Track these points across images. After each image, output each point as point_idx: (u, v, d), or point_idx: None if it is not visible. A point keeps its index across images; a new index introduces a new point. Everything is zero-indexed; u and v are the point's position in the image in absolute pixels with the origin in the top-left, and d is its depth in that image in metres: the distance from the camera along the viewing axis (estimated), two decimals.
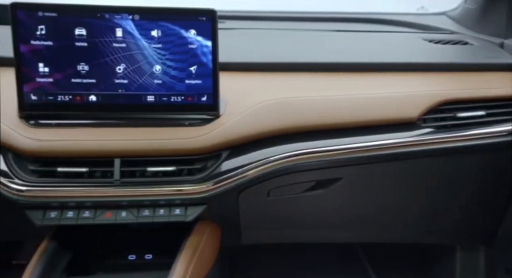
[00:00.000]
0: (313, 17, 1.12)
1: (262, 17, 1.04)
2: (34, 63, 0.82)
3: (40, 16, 0.81)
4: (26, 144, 0.80)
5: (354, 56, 1.03)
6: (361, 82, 0.97)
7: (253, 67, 0.96)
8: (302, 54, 1.00)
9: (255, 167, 0.85)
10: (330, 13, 1.12)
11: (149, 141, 0.83)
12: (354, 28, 1.20)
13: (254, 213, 0.99)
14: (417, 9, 1.57)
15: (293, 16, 1.07)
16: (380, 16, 1.29)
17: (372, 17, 1.26)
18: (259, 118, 0.88)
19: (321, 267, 1.51)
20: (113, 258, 0.97)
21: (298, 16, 1.07)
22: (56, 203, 0.81)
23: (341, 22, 1.19)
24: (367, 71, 0.99)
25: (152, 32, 0.84)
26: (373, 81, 0.98)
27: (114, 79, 0.85)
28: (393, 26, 1.31)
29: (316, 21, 1.12)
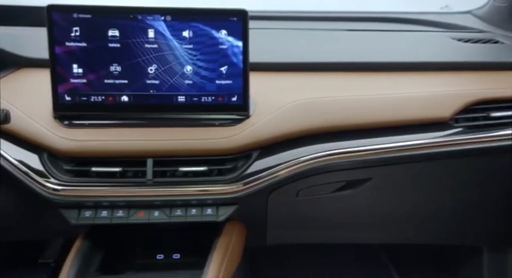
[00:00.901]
0: (337, 17, 1.11)
1: (286, 17, 1.04)
2: (68, 65, 0.84)
3: (74, 17, 0.82)
4: (61, 144, 0.81)
5: (382, 56, 1.02)
6: (391, 82, 0.96)
7: (282, 67, 0.96)
8: (330, 54, 0.99)
9: (286, 167, 0.85)
10: (354, 13, 1.11)
11: (181, 141, 0.84)
12: (379, 28, 1.19)
13: (282, 213, 0.99)
14: (441, 8, 1.55)
15: (317, 16, 1.06)
16: (404, 15, 1.27)
17: (396, 17, 1.24)
18: (289, 118, 0.88)
19: (341, 267, 1.50)
20: (141, 258, 0.98)
21: (323, 16, 1.06)
22: (90, 202, 0.83)
23: (365, 21, 1.18)
24: (397, 71, 0.98)
25: (183, 32, 0.85)
26: (404, 81, 0.97)
27: (145, 79, 0.86)
28: (418, 25, 1.30)
29: (340, 20, 1.12)
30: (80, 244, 0.86)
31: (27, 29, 1.01)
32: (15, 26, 1.01)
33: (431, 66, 1.01)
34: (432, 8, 1.50)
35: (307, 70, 0.96)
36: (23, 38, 0.96)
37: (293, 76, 0.95)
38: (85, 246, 0.86)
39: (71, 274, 0.80)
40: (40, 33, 1.01)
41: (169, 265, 0.96)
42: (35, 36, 0.97)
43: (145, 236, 1.00)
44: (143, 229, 0.97)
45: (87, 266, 0.84)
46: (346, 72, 0.97)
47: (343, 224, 1.06)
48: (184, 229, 1.00)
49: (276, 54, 0.97)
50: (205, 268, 0.82)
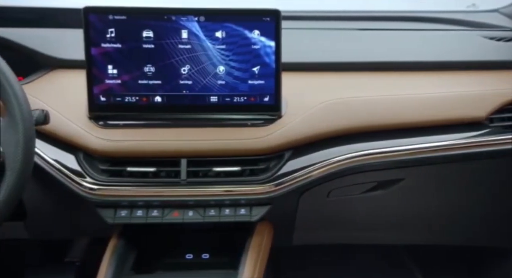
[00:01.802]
0: (366, 16, 1.10)
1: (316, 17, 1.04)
2: (103, 66, 0.85)
3: (110, 19, 0.83)
4: (98, 144, 0.82)
5: (413, 55, 1.01)
6: (423, 81, 0.95)
7: (313, 67, 0.95)
8: (361, 54, 0.98)
9: (319, 168, 0.85)
10: (380, 12, 1.11)
11: (215, 141, 0.84)
12: (406, 27, 1.18)
13: (311, 213, 0.98)
14: (468, 6, 1.53)
15: (346, 16, 1.06)
16: (430, 15, 1.26)
17: (422, 16, 1.23)
18: (322, 118, 0.87)
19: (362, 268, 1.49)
20: (170, 257, 0.99)
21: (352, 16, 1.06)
22: (126, 202, 0.83)
23: (392, 21, 1.17)
24: (428, 70, 0.97)
25: (216, 33, 0.85)
26: (436, 80, 0.95)
27: (179, 80, 0.87)
28: (445, 24, 1.28)
29: (368, 20, 1.11)
30: (115, 243, 0.87)
31: (57, 31, 1.01)
32: (46, 28, 1.02)
33: (464, 65, 0.99)
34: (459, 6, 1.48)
35: (338, 70, 0.95)
36: (54, 40, 0.97)
37: (324, 76, 0.94)
38: (120, 245, 0.87)
39: (109, 272, 0.82)
40: (70, 34, 1.01)
41: (199, 265, 0.97)
42: (65, 37, 0.99)
43: (173, 235, 1.01)
44: (172, 229, 0.99)
45: (122, 265, 0.85)
46: (378, 72, 0.96)
47: (372, 225, 1.06)
48: (211, 229, 1.01)
49: (307, 54, 0.96)
50: (240, 268, 0.83)
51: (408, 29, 1.09)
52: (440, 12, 1.31)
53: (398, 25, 1.13)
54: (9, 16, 1.01)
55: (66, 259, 1.46)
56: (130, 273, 0.86)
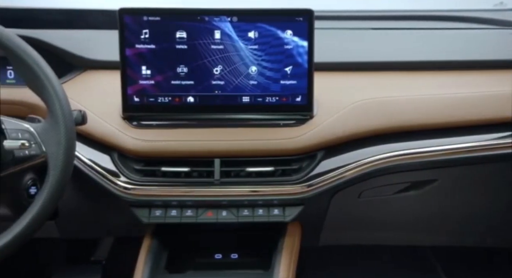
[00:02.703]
0: (395, 16, 1.09)
1: (348, 16, 1.04)
2: (137, 66, 0.86)
3: (144, 20, 0.84)
4: (133, 144, 0.83)
5: (443, 54, 0.99)
6: (454, 80, 0.94)
7: (344, 67, 0.95)
8: (392, 53, 0.97)
9: (353, 168, 0.84)
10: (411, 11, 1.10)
11: (248, 141, 0.84)
12: (434, 26, 1.16)
13: (341, 214, 0.98)
14: (495, 5, 1.51)
15: (377, 15, 1.05)
16: (458, 13, 1.24)
17: (450, 15, 1.21)
18: (354, 118, 0.87)
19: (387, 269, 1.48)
20: (200, 257, 0.99)
21: (382, 15, 1.05)
22: (160, 201, 0.84)
23: (420, 20, 1.15)
24: (458, 70, 0.96)
25: (249, 33, 0.85)
26: (468, 79, 0.94)
27: (211, 80, 0.87)
28: (474, 23, 1.26)
29: (397, 19, 1.10)
30: (149, 243, 0.88)
31: (89, 32, 1.03)
32: (78, 29, 1.03)
33: (493, 64, 0.98)
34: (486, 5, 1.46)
35: (369, 69, 0.94)
36: (86, 41, 0.99)
37: (355, 76, 0.94)
38: (154, 244, 0.88)
39: (146, 272, 0.83)
40: (101, 35, 1.03)
41: (229, 264, 0.97)
42: (97, 38, 1.00)
43: (201, 235, 1.01)
44: (200, 228, 0.99)
45: (157, 264, 0.86)
46: (409, 71, 0.95)
47: (402, 226, 1.05)
48: (238, 229, 1.01)
49: (338, 54, 0.96)
50: (274, 269, 0.83)
51: (436, 28, 1.07)
52: (468, 11, 1.29)
53: (426, 24, 1.12)
54: (42, 18, 1.03)
55: (92, 258, 1.49)
56: (164, 272, 0.87)
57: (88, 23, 1.03)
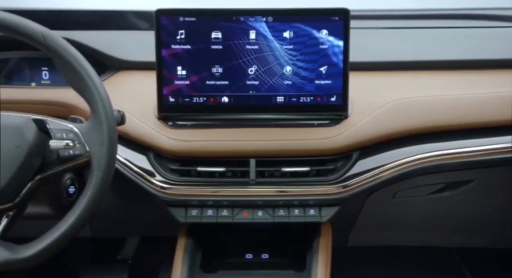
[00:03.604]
0: (429, 15, 1.08)
1: (382, 16, 1.03)
2: (173, 67, 0.86)
3: (180, 21, 0.84)
4: (170, 144, 0.83)
5: (478, 53, 0.98)
6: (492, 80, 0.92)
7: (378, 66, 0.94)
8: (425, 52, 0.96)
9: (390, 168, 0.84)
10: (444, 10, 1.08)
11: (283, 141, 0.84)
12: (468, 25, 1.15)
13: (374, 214, 0.97)
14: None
15: (411, 14, 1.04)
16: (491, 12, 1.22)
17: (484, 13, 1.19)
18: (390, 118, 0.86)
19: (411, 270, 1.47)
20: (232, 256, 0.99)
21: (418, 14, 1.04)
22: (196, 201, 0.84)
23: (455, 19, 1.14)
24: (495, 69, 0.94)
25: (284, 33, 0.85)
26: (504, 78, 0.92)
27: (246, 80, 0.87)
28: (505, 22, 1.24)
29: (431, 18, 1.09)
30: (184, 243, 0.89)
31: (122, 33, 1.03)
32: (111, 30, 1.04)
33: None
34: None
35: (403, 69, 0.93)
36: (119, 42, 0.99)
37: (389, 76, 0.93)
38: (189, 244, 0.88)
39: (184, 271, 0.83)
40: (134, 36, 1.03)
41: (260, 264, 0.97)
42: (130, 39, 1.00)
43: (232, 234, 1.01)
44: (230, 228, 0.99)
45: (193, 264, 0.87)
46: (443, 71, 0.94)
47: (433, 227, 1.04)
48: (268, 229, 1.00)
49: (372, 53, 0.95)
50: (312, 269, 0.84)
51: (471, 27, 1.06)
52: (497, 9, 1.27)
53: (458, 23, 1.10)
54: (75, 19, 1.04)
55: (118, 257, 1.51)
56: (200, 271, 0.88)
57: (120, 24, 1.04)
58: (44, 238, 0.68)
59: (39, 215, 0.81)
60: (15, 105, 0.88)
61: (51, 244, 0.67)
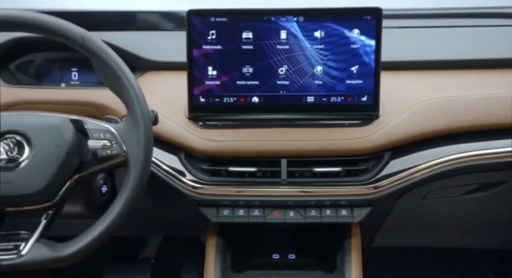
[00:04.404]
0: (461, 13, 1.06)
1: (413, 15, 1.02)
2: (204, 67, 0.86)
3: (212, 21, 0.85)
4: (201, 144, 0.83)
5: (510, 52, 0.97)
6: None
7: (408, 65, 0.93)
8: (457, 52, 0.95)
9: (422, 169, 0.83)
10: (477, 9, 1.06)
11: (315, 141, 0.84)
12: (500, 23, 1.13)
13: (403, 215, 0.96)
14: None
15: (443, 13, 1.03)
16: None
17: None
18: (422, 118, 0.85)
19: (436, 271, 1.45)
20: (259, 257, 0.99)
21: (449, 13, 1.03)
22: (227, 201, 0.85)
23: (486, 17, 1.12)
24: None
25: (315, 33, 0.85)
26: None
27: (276, 80, 0.87)
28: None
29: (463, 17, 1.07)
30: (215, 242, 0.89)
31: (150, 33, 1.03)
32: (139, 31, 1.04)
33: None
34: None
35: (434, 68, 0.92)
36: (147, 42, 1.00)
37: (419, 75, 0.92)
38: (220, 244, 0.89)
39: (218, 271, 0.84)
40: (162, 37, 1.04)
41: (287, 265, 0.97)
42: (158, 39, 1.01)
43: (259, 235, 1.01)
44: (257, 228, 0.99)
45: (225, 264, 0.87)
46: (475, 70, 0.92)
47: (464, 228, 1.02)
48: (294, 229, 1.00)
49: (402, 53, 0.94)
50: (346, 270, 0.83)
51: (502, 26, 1.04)
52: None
53: (491, 21, 1.08)
54: (102, 20, 1.05)
55: (141, 256, 1.52)
56: (230, 271, 0.88)
57: (147, 25, 1.04)
58: (83, 237, 0.68)
59: (73, 214, 0.82)
60: (45, 105, 0.89)
61: (90, 243, 0.67)
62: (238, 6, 0.87)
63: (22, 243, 0.66)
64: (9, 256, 0.65)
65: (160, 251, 1.46)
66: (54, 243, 0.69)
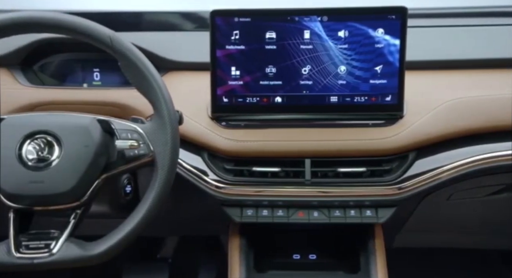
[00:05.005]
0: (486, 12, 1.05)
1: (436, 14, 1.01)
2: (227, 67, 0.86)
3: (235, 21, 0.85)
4: (224, 144, 0.84)
5: None
6: None
7: (432, 65, 0.92)
8: (482, 51, 0.93)
9: (449, 169, 0.82)
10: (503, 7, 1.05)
11: (340, 141, 0.84)
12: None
13: (426, 216, 0.95)
14: None
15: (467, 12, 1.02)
16: None
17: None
18: (447, 117, 0.84)
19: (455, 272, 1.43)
20: (279, 257, 0.99)
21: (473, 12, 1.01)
22: (251, 201, 0.85)
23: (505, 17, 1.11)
24: None
25: (339, 32, 0.84)
26: None
27: (299, 80, 0.87)
28: None
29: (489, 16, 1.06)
30: (238, 243, 0.89)
31: (171, 34, 1.03)
32: (159, 31, 1.04)
33: None
34: None
35: (457, 68, 0.91)
36: (169, 43, 0.99)
37: (443, 74, 0.91)
38: (243, 244, 0.89)
39: (243, 271, 0.84)
40: (182, 37, 1.04)
41: (308, 265, 0.97)
42: (178, 40, 1.01)
43: (278, 235, 1.01)
44: (277, 228, 0.99)
45: (249, 264, 0.87)
46: (499, 69, 0.91)
47: (488, 229, 1.01)
48: (313, 229, 1.00)
49: (423, 52, 0.93)
50: (372, 270, 0.83)
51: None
52: None
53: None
54: (124, 20, 1.05)
55: (158, 256, 1.53)
56: (253, 271, 0.88)
57: (168, 25, 1.05)
58: (111, 236, 0.69)
59: (98, 213, 0.83)
60: (69, 106, 0.90)
61: (119, 242, 0.68)
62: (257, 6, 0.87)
63: (52, 241, 0.67)
64: (41, 254, 0.66)
65: (177, 251, 1.46)
66: (84, 242, 0.69)
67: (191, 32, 1.04)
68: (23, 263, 0.66)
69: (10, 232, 0.67)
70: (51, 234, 0.68)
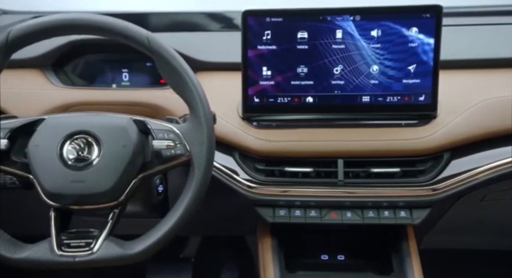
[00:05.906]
0: None
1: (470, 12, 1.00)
2: (258, 67, 0.86)
3: (267, 21, 0.84)
4: (256, 144, 0.83)
5: None
6: None
7: (464, 64, 0.91)
8: None
9: (485, 170, 0.81)
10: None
11: (373, 141, 0.83)
12: None
13: (457, 217, 0.94)
14: None
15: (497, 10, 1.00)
16: None
17: None
18: (482, 117, 0.83)
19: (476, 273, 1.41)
20: (307, 257, 0.98)
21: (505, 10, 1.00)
22: (283, 201, 0.84)
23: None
24: None
25: (372, 32, 0.84)
26: None
27: (331, 80, 0.86)
28: None
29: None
30: (270, 243, 0.88)
31: (199, 34, 1.04)
32: (187, 31, 1.05)
33: None
34: None
35: (491, 67, 0.90)
36: (197, 43, 1.00)
37: (476, 74, 0.90)
38: (275, 244, 0.88)
39: (277, 271, 0.84)
40: (211, 37, 1.04)
41: (337, 266, 0.96)
42: (207, 40, 1.01)
43: (306, 235, 1.01)
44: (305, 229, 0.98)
45: (281, 264, 0.87)
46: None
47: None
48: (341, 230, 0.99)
49: (456, 51, 0.92)
50: (408, 272, 0.82)
51: None
52: None
53: None
54: (153, 21, 1.06)
55: (181, 255, 1.53)
56: (285, 271, 0.88)
57: (196, 26, 1.05)
58: (150, 235, 0.69)
59: (132, 213, 0.84)
60: (100, 106, 0.91)
61: (158, 241, 0.68)
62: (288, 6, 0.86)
63: (93, 240, 0.68)
64: (82, 252, 0.67)
65: (200, 250, 1.47)
66: (122, 241, 0.70)
67: (218, 32, 1.05)
68: (65, 261, 0.67)
69: (52, 230, 0.68)
70: (91, 233, 0.69)
